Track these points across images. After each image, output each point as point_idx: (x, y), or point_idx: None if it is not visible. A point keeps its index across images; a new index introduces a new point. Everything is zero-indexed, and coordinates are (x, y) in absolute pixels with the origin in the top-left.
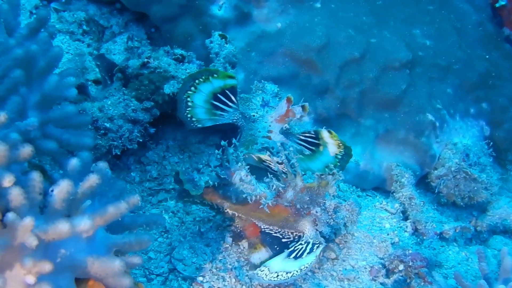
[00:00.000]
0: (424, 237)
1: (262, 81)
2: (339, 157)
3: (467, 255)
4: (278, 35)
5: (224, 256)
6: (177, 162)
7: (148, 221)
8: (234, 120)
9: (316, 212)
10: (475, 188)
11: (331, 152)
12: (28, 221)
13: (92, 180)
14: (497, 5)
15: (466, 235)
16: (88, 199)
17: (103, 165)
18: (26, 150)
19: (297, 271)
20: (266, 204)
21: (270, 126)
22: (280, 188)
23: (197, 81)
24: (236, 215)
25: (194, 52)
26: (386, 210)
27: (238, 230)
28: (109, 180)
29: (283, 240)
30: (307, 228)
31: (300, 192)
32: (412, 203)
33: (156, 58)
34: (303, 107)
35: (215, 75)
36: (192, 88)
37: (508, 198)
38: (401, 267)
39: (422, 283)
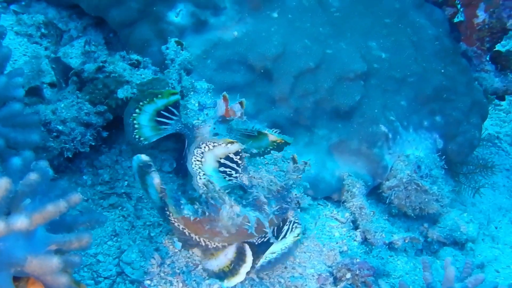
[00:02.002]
0: (373, 247)
1: (193, 81)
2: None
3: (416, 265)
4: (234, 43)
5: (172, 260)
6: (130, 167)
7: (90, 219)
8: (177, 130)
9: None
10: (426, 199)
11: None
12: None
13: (32, 178)
14: (455, 20)
15: (416, 246)
16: (28, 198)
17: (43, 163)
18: None
19: (279, 251)
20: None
21: (214, 129)
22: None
23: (141, 103)
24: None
25: (150, 57)
26: (336, 219)
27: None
28: (50, 180)
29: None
30: (290, 215)
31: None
32: (362, 213)
33: (112, 63)
34: (240, 103)
35: (159, 96)
36: (137, 110)
37: (460, 210)
38: (348, 275)
39: None
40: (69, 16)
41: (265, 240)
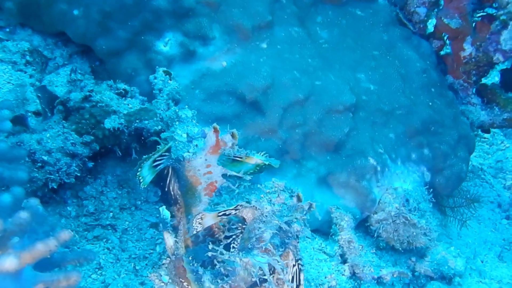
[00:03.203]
0: (362, 281)
1: (176, 110)
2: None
3: None
4: (223, 74)
5: None
6: (115, 198)
7: (79, 257)
8: (169, 164)
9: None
10: (414, 233)
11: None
12: None
13: (22, 217)
14: (441, 53)
15: (404, 280)
16: (16, 236)
17: (34, 201)
18: None
19: None
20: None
21: (206, 160)
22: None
23: (142, 164)
24: None
25: (138, 87)
26: (324, 252)
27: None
28: (40, 216)
29: None
30: (291, 254)
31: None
32: (350, 247)
33: (99, 92)
34: (232, 135)
35: (154, 153)
36: (139, 169)
37: (447, 244)
38: None
39: None
40: (55, 43)
41: None
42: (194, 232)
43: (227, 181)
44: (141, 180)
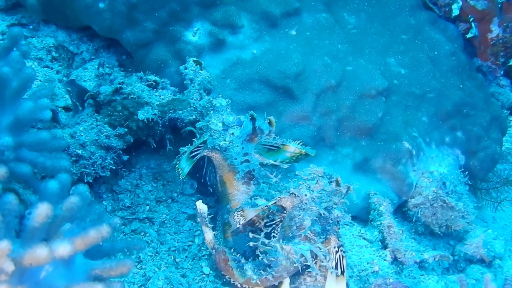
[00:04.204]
0: (404, 266)
1: (210, 99)
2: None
3: (447, 284)
4: (253, 62)
5: (200, 286)
6: (151, 191)
7: (129, 245)
8: (205, 153)
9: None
10: (452, 216)
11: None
12: (5, 244)
13: (73, 202)
14: (468, 35)
15: (443, 264)
16: (67, 223)
17: (83, 188)
18: (0, 172)
19: None
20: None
21: (243, 149)
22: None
23: (178, 156)
24: None
25: (168, 78)
26: (364, 238)
27: None
28: (88, 204)
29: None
30: (333, 240)
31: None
32: (391, 232)
33: (129, 84)
34: (269, 122)
35: (190, 146)
36: (176, 161)
37: (483, 227)
38: None
39: None
40: (80, 38)
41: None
42: (237, 226)
43: (264, 169)
44: (180, 172)
